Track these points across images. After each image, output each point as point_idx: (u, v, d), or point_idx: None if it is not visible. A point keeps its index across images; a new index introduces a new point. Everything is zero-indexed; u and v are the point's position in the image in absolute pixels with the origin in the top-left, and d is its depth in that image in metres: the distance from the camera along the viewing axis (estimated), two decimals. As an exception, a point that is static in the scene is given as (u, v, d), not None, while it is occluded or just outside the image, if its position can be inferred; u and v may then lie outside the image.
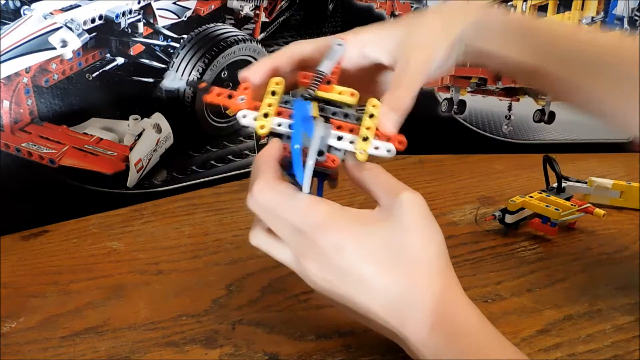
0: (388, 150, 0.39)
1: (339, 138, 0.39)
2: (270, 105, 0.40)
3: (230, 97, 0.41)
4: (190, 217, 0.64)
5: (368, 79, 0.46)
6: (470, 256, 0.54)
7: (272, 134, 0.40)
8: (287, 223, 0.36)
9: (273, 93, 0.40)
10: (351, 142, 0.39)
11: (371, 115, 0.39)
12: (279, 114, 0.40)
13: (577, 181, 0.62)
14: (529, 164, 0.74)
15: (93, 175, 0.64)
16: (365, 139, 0.39)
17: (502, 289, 0.49)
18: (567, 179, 0.61)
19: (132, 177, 0.66)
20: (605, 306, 0.47)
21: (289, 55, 0.43)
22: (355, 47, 0.44)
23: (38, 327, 0.46)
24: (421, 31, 0.44)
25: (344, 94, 0.40)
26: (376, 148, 0.39)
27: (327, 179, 0.42)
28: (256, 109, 0.41)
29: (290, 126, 0.39)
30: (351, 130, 0.40)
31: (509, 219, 0.57)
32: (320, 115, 0.40)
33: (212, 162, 0.71)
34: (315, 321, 0.45)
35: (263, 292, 0.50)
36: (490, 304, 0.47)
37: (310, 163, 0.37)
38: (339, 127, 0.40)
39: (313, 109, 0.39)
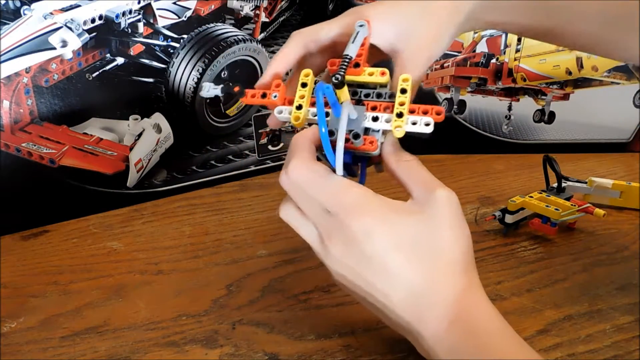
0: (427, 124, 0.38)
1: (375, 119, 0.39)
2: (302, 97, 0.40)
3: (264, 95, 0.41)
4: (190, 217, 0.64)
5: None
6: (470, 256, 0.54)
7: (310, 125, 0.40)
8: (318, 203, 0.36)
9: (304, 85, 0.40)
10: (387, 122, 0.38)
11: (403, 91, 0.38)
12: (313, 104, 0.40)
13: (577, 181, 0.62)
14: (529, 164, 0.74)
15: (93, 175, 0.64)
16: (400, 115, 0.38)
17: (502, 289, 0.49)
18: (567, 179, 0.61)
19: (132, 177, 0.66)
20: (605, 306, 0.47)
21: (313, 41, 0.43)
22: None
23: (38, 327, 0.46)
24: (429, 21, 0.43)
25: (375, 74, 0.40)
26: (414, 123, 0.38)
27: (370, 164, 0.41)
28: (291, 103, 0.40)
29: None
30: (386, 109, 0.39)
31: (509, 219, 0.57)
32: (354, 99, 0.40)
33: (212, 162, 0.71)
34: (315, 321, 0.45)
35: (263, 292, 0.50)
36: (490, 304, 0.47)
37: (340, 145, 0.36)
38: (374, 108, 0.39)
39: (342, 92, 0.38)
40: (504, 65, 0.75)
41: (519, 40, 0.74)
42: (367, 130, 0.39)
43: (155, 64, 0.65)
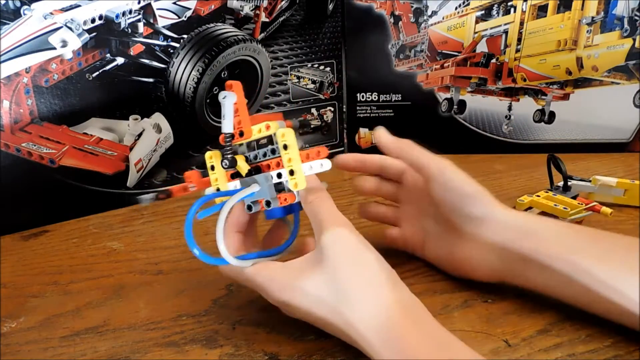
0: (321, 165, 0.40)
1: (279, 175, 0.42)
2: (217, 180, 0.45)
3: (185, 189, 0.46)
4: (190, 217, 0.64)
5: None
6: (470, 256, 0.54)
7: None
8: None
9: (212, 168, 0.45)
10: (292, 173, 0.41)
11: (285, 147, 0.41)
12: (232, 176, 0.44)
13: (581, 180, 0.62)
14: (529, 164, 0.74)
15: (93, 175, 0.64)
16: (292, 172, 0.40)
17: (502, 289, 0.49)
18: (571, 177, 0.61)
19: (132, 177, 0.66)
20: (605, 306, 0.47)
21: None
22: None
23: (38, 327, 0.46)
24: None
25: (262, 131, 0.42)
26: (311, 168, 0.40)
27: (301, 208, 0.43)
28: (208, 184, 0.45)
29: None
30: (278, 165, 0.42)
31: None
32: (254, 163, 0.43)
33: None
34: (315, 321, 0.45)
35: (263, 292, 0.50)
36: (490, 304, 0.47)
37: (218, 233, 0.41)
38: (278, 164, 0.41)
39: (241, 167, 0.42)
40: (504, 65, 0.76)
41: (519, 40, 0.74)
42: (277, 187, 0.42)
43: (155, 64, 0.65)
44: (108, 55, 0.62)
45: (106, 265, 0.55)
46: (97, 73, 0.61)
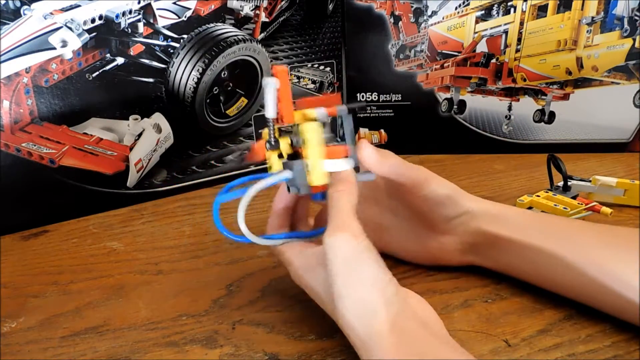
0: (342, 165, 0.42)
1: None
2: (270, 156, 0.44)
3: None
4: (190, 217, 0.64)
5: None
6: (470, 256, 0.54)
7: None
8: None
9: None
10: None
11: (304, 141, 0.41)
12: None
13: (581, 180, 0.62)
14: (529, 164, 0.74)
15: (93, 175, 0.64)
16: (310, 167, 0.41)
17: (502, 289, 0.49)
18: (571, 177, 0.61)
19: (132, 177, 0.66)
20: (605, 306, 0.47)
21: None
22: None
23: (38, 327, 0.46)
24: None
25: (300, 120, 0.42)
26: (332, 165, 0.42)
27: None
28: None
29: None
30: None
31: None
32: (294, 147, 0.43)
33: (212, 162, 0.72)
34: (315, 321, 0.45)
35: (263, 292, 0.50)
36: (490, 304, 0.47)
37: (240, 218, 0.42)
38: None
39: (284, 148, 0.43)
40: (504, 65, 0.75)
41: (519, 40, 0.74)
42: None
43: (155, 64, 0.65)
44: (108, 55, 0.62)
45: (106, 265, 0.55)
46: (97, 73, 0.61)
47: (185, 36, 0.65)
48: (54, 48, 0.58)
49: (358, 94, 0.78)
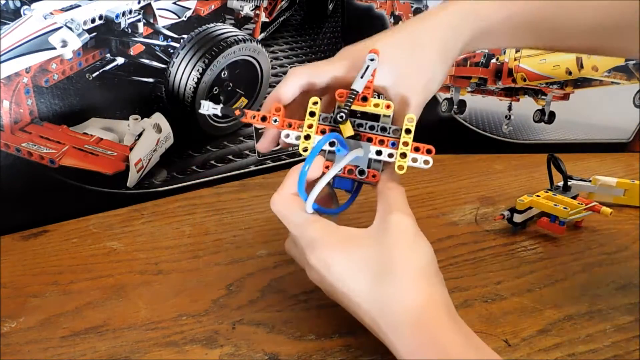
0: (425, 162, 0.42)
1: (378, 153, 0.43)
2: (310, 126, 0.43)
3: (264, 118, 0.44)
4: (190, 217, 0.64)
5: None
6: (470, 256, 0.54)
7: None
8: (291, 235, 0.43)
9: (312, 114, 0.43)
10: (390, 156, 0.42)
11: (408, 131, 0.42)
12: (322, 132, 0.43)
13: (581, 180, 0.62)
14: (529, 164, 0.74)
15: (93, 175, 0.64)
16: (404, 155, 0.42)
17: (502, 289, 0.49)
18: (571, 177, 0.61)
19: (132, 177, 0.66)
20: (605, 306, 0.47)
21: (310, 84, 0.45)
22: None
23: (38, 327, 0.46)
24: (420, 67, 0.45)
25: (380, 106, 0.42)
26: (414, 160, 0.42)
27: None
28: (290, 126, 0.44)
29: (330, 144, 0.43)
30: (381, 142, 0.43)
31: (517, 218, 0.57)
32: (358, 131, 0.43)
33: (212, 162, 0.72)
34: (315, 321, 0.45)
35: (263, 292, 0.50)
36: (490, 304, 0.47)
37: (317, 189, 0.40)
38: (381, 142, 0.43)
39: (346, 127, 0.42)
40: (504, 65, 0.76)
41: (519, 40, 0.74)
42: (369, 161, 0.43)
43: (155, 64, 0.65)
44: (108, 55, 0.62)
45: (106, 265, 0.55)
46: (97, 73, 0.61)
47: (185, 36, 0.65)
48: (54, 48, 0.58)
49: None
